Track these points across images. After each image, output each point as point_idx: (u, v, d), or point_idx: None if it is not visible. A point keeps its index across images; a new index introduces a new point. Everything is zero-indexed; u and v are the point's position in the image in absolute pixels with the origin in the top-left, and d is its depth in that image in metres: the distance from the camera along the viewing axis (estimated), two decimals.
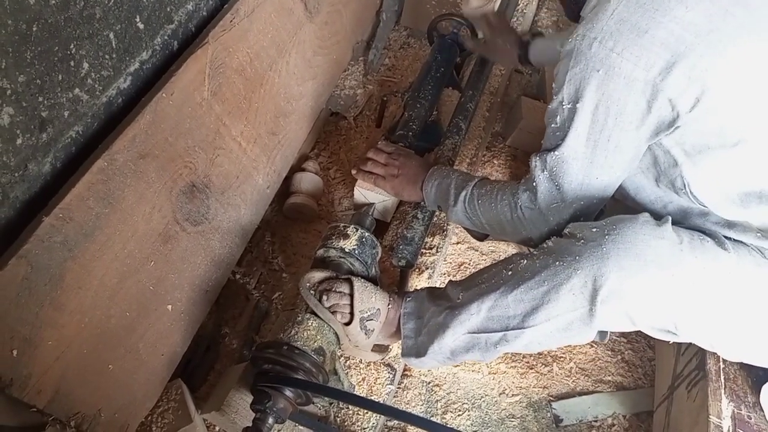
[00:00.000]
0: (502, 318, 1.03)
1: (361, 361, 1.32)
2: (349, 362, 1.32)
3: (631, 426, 1.39)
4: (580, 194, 1.04)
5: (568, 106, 0.98)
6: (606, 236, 0.94)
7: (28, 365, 0.90)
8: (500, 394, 1.42)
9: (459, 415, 1.38)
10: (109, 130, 1.03)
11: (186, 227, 1.17)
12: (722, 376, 1.16)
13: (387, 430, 1.33)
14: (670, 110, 0.91)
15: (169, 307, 1.16)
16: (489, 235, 1.29)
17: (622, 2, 0.91)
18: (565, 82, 0.97)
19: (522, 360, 1.47)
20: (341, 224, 1.26)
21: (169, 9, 1.16)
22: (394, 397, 1.38)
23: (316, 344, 1.10)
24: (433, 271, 1.48)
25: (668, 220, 0.97)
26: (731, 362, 1.19)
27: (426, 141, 1.52)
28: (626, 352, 1.50)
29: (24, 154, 0.91)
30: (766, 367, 1.10)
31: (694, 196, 0.99)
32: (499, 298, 1.02)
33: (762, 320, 0.96)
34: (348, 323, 1.14)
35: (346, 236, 1.24)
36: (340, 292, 1.15)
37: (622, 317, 0.96)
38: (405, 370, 1.42)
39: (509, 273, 1.04)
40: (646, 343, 1.52)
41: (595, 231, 0.97)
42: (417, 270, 1.45)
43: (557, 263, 0.97)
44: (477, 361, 1.44)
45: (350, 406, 1.26)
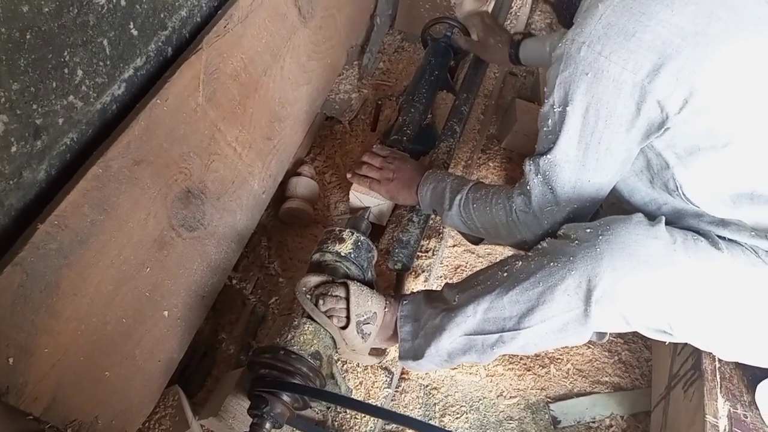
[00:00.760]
0: (498, 319, 1.03)
1: (359, 365, 1.32)
2: (346, 366, 1.32)
3: (628, 426, 1.39)
4: (574, 197, 1.04)
5: (559, 109, 0.99)
6: (600, 237, 0.95)
7: (24, 373, 0.90)
8: (498, 396, 1.42)
9: (457, 418, 1.38)
10: (104, 137, 1.03)
11: (182, 233, 1.17)
12: (718, 376, 1.16)
13: None
14: (659, 112, 0.92)
15: (166, 313, 1.16)
16: (484, 239, 1.29)
17: (610, 7, 0.91)
18: (555, 86, 0.98)
19: (519, 362, 1.47)
20: (337, 228, 1.26)
21: (162, 15, 1.16)
22: (392, 400, 1.38)
23: (312, 348, 1.10)
24: (430, 275, 1.48)
25: (662, 220, 0.97)
26: (727, 362, 1.20)
27: (421, 144, 1.53)
28: (623, 353, 1.51)
29: (19, 162, 0.91)
30: (761, 366, 1.11)
31: (687, 198, 1.00)
32: (495, 300, 1.02)
33: (756, 319, 0.96)
34: (344, 327, 1.14)
35: (341, 240, 1.24)
36: (337, 296, 1.15)
37: (617, 317, 0.96)
38: (402, 374, 1.42)
39: (504, 274, 1.04)
40: (643, 344, 1.53)
41: (589, 232, 0.97)
42: (413, 273, 1.45)
43: (552, 264, 0.97)
44: (474, 363, 1.44)
45: (348, 410, 1.26)
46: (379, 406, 1.26)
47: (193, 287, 1.23)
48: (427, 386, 1.42)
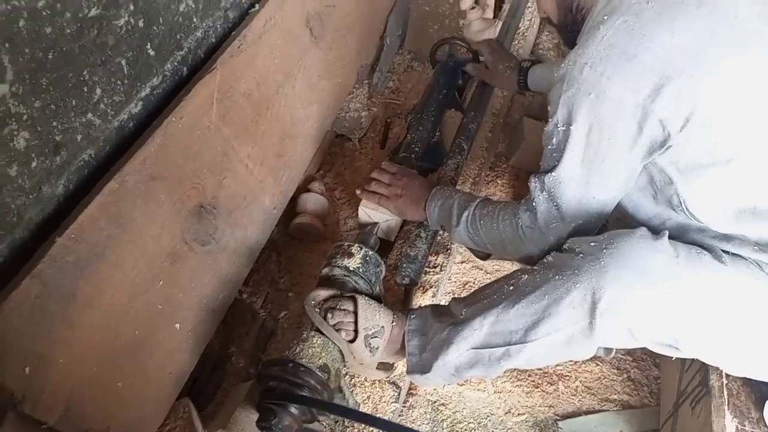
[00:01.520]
0: (505, 333, 1.04)
1: (366, 379, 1.33)
2: (354, 380, 1.33)
3: None
4: (579, 213, 1.05)
5: (563, 128, 1.00)
6: (604, 250, 0.96)
7: (40, 382, 0.91)
8: (506, 413, 1.42)
9: None
10: (121, 153, 1.06)
11: (194, 247, 1.20)
12: (725, 392, 1.16)
13: None
14: (661, 131, 0.93)
15: (177, 325, 1.18)
16: (492, 255, 1.30)
17: (612, 28, 0.93)
18: (559, 106, 1.00)
19: (527, 378, 1.47)
20: (346, 243, 1.28)
21: (178, 36, 1.20)
22: (400, 416, 1.38)
23: (320, 361, 1.11)
24: (437, 290, 1.49)
25: (665, 234, 0.98)
26: (734, 378, 1.19)
27: (429, 161, 1.55)
28: (632, 371, 1.50)
29: (38, 177, 0.94)
30: None
31: (691, 213, 1.01)
32: (501, 313, 1.03)
33: (761, 333, 0.96)
34: (352, 341, 1.15)
35: (350, 255, 1.25)
36: (345, 310, 1.16)
37: (622, 331, 0.97)
38: (410, 389, 1.43)
39: (511, 288, 1.05)
40: (652, 362, 1.52)
41: (593, 245, 0.98)
42: (421, 288, 1.46)
43: (557, 277, 0.98)
44: (481, 378, 1.44)
45: (355, 424, 1.26)
46: (387, 419, 1.26)
47: (205, 301, 1.25)
48: (435, 402, 1.43)
